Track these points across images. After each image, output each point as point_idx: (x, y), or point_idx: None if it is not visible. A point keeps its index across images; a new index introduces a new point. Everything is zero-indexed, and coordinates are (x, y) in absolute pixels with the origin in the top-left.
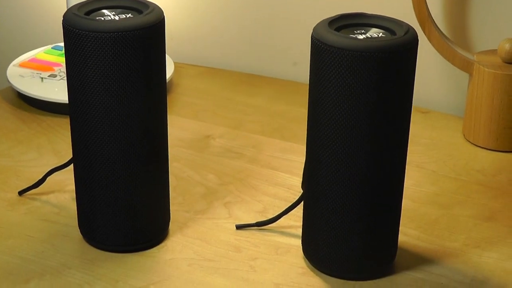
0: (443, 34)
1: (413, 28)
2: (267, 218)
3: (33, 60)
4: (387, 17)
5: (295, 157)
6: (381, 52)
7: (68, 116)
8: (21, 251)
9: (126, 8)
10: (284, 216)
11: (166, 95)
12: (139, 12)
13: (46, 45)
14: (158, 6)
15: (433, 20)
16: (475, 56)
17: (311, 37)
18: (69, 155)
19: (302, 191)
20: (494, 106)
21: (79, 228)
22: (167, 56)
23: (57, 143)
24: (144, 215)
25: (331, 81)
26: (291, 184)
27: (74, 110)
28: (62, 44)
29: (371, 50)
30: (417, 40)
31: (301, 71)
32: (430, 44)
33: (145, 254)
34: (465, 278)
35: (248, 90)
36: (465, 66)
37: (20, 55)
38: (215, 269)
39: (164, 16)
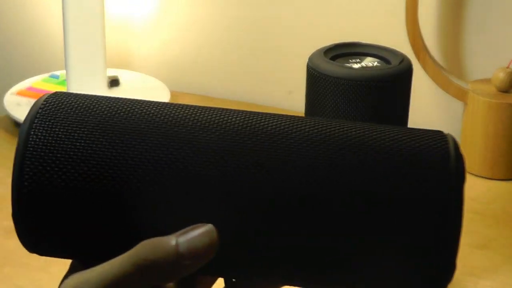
0: (437, 63)
1: (408, 57)
2: None
3: (30, 88)
4: (382, 46)
5: None
6: (376, 81)
7: None
8: (17, 279)
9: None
10: None
11: None
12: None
13: (43, 74)
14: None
15: (428, 49)
16: (469, 85)
17: (307, 66)
18: None
19: None
20: (488, 135)
21: None
22: (162, 84)
23: None
24: None
25: (326, 109)
26: None
27: None
28: (59, 72)
29: (366, 79)
30: (412, 69)
31: (296, 99)
32: (424, 73)
33: None
34: None
35: None
36: (460, 94)
37: (17, 83)
38: None
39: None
